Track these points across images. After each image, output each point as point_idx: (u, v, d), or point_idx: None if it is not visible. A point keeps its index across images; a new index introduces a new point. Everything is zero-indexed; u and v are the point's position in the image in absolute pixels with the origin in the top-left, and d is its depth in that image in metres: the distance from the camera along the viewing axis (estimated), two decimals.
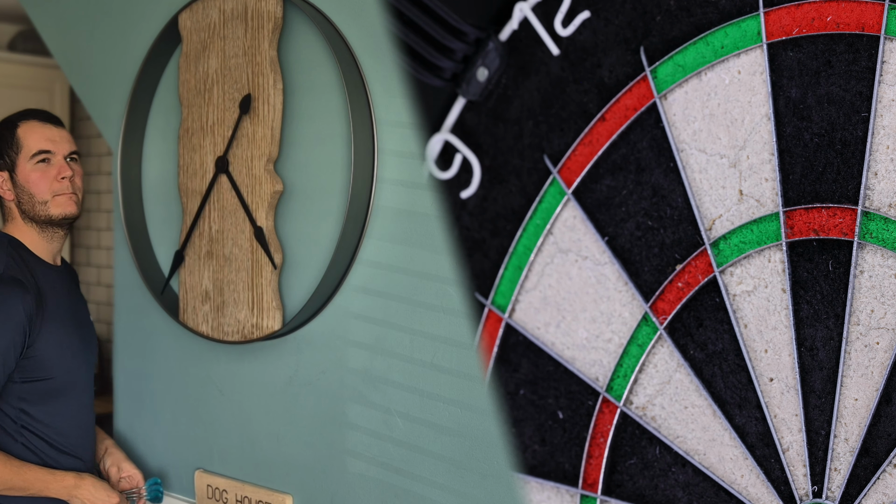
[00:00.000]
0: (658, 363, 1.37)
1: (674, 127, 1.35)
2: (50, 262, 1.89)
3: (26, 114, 1.91)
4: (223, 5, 1.81)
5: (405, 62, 1.59)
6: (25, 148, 1.85)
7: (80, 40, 2.17)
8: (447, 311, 1.55)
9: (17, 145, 1.85)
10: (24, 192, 1.85)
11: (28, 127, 1.87)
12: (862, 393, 1.19)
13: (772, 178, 1.27)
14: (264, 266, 1.76)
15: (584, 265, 1.43)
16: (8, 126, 1.88)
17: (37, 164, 1.84)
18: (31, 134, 1.86)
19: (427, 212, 1.57)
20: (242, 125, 1.78)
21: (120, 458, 1.98)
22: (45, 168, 1.85)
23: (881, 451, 1.18)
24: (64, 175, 1.85)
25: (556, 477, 1.45)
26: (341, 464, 1.72)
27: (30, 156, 1.84)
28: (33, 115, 1.90)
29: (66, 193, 1.86)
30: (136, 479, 1.95)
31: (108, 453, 1.98)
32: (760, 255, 1.28)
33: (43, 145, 1.85)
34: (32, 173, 1.84)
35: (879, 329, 1.18)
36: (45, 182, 1.84)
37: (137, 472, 1.96)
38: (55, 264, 1.91)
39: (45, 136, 1.87)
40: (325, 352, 1.74)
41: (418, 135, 1.58)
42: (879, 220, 1.18)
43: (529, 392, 1.48)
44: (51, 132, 1.88)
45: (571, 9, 1.43)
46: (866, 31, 1.18)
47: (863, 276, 1.19)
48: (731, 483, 1.31)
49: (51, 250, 1.90)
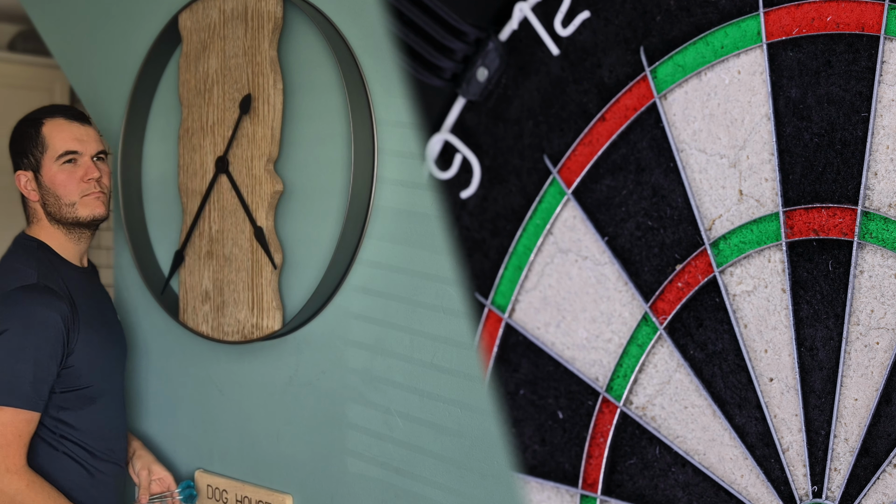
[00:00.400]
0: (658, 363, 1.37)
1: (674, 127, 1.35)
2: (77, 264, 1.84)
3: (52, 110, 1.82)
4: (223, 5, 1.81)
5: (405, 62, 1.59)
6: (51, 148, 1.77)
7: (80, 40, 2.17)
8: (447, 311, 1.55)
9: (43, 145, 1.77)
10: (50, 193, 1.77)
11: (54, 125, 1.78)
12: (862, 393, 1.19)
13: (772, 178, 1.27)
14: (264, 266, 1.76)
15: (584, 265, 1.43)
16: (32, 124, 1.79)
17: (63, 164, 1.77)
18: (57, 133, 1.77)
19: (427, 212, 1.57)
20: (242, 125, 1.78)
21: (150, 460, 1.92)
22: (72, 169, 1.77)
23: (881, 451, 1.18)
24: (91, 176, 1.78)
25: (556, 477, 1.45)
26: (341, 464, 1.72)
27: (56, 156, 1.76)
28: (59, 112, 1.81)
29: (94, 193, 1.78)
30: (168, 482, 1.90)
31: (138, 455, 1.93)
32: (760, 255, 1.28)
33: (70, 145, 1.77)
34: (59, 174, 1.76)
35: (879, 329, 1.18)
36: (73, 183, 1.77)
37: (168, 475, 1.91)
38: (82, 266, 1.85)
39: (72, 135, 1.78)
40: (325, 352, 1.74)
41: (418, 135, 1.58)
42: (879, 220, 1.18)
43: (529, 392, 1.48)
44: (78, 131, 1.79)
45: (571, 9, 1.43)
46: (866, 31, 1.18)
47: (863, 276, 1.19)
48: (731, 483, 1.31)
49: (78, 252, 1.84)
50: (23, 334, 1.67)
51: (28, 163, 1.78)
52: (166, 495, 1.89)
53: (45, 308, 1.68)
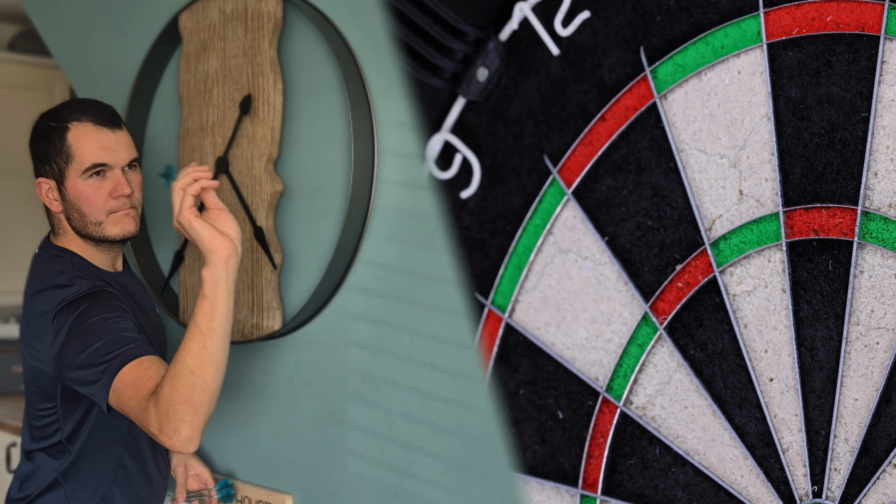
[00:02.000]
0: (658, 363, 1.37)
1: (674, 127, 1.35)
2: (112, 270, 1.66)
3: (79, 109, 1.58)
4: (223, 5, 1.81)
5: (405, 62, 1.59)
6: (77, 159, 1.55)
7: (80, 40, 2.17)
8: (447, 311, 1.55)
9: (68, 154, 1.55)
10: (75, 208, 1.57)
11: (81, 132, 1.55)
12: (862, 393, 1.20)
13: (772, 178, 1.27)
14: (264, 266, 1.76)
15: (584, 265, 1.43)
16: (56, 128, 1.57)
17: (90, 178, 1.55)
18: (84, 142, 1.55)
19: (427, 212, 1.57)
20: (243, 125, 1.78)
21: (187, 455, 1.83)
22: (100, 183, 1.56)
23: (881, 451, 1.18)
24: (122, 193, 1.56)
25: (556, 477, 1.45)
26: (341, 464, 1.72)
27: (82, 169, 1.55)
28: (87, 114, 1.57)
29: (124, 210, 1.58)
30: (205, 478, 1.83)
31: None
32: (760, 255, 1.28)
33: (98, 157, 1.55)
34: (84, 189, 1.55)
35: (879, 329, 1.18)
36: (100, 199, 1.56)
37: (206, 471, 1.83)
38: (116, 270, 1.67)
39: (101, 143, 1.56)
40: (325, 352, 1.74)
41: (418, 135, 1.58)
42: (879, 220, 1.18)
43: (529, 392, 1.48)
44: (107, 138, 1.56)
45: (571, 9, 1.43)
46: (866, 31, 1.18)
47: (863, 276, 1.19)
48: (731, 483, 1.31)
49: (110, 260, 1.65)
50: (105, 305, 1.52)
51: (50, 171, 1.57)
52: (203, 493, 1.82)
53: (114, 300, 1.55)
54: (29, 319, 1.58)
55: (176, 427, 1.35)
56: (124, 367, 1.42)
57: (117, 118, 1.61)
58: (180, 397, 1.34)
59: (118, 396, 1.43)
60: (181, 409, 1.34)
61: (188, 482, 1.83)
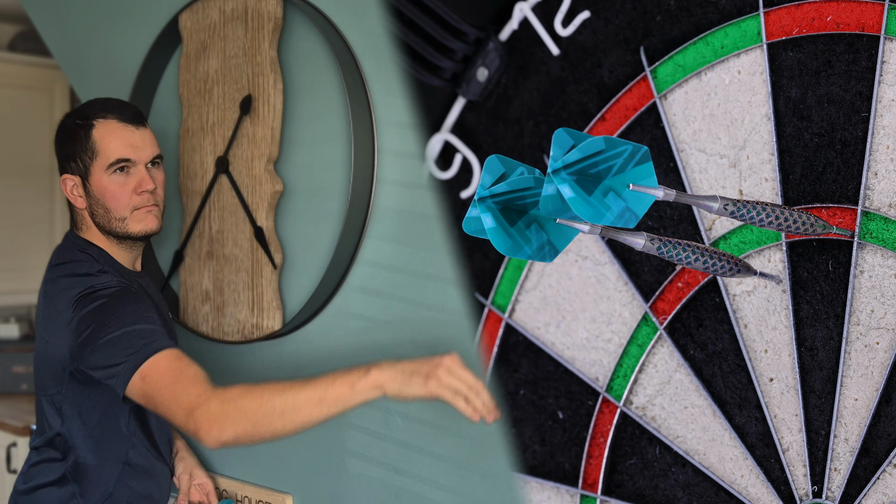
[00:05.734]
0: (658, 363, 1.37)
1: (674, 127, 1.35)
2: (132, 269, 1.69)
3: (104, 107, 1.62)
4: (223, 5, 1.81)
5: (405, 62, 1.59)
6: (102, 155, 1.58)
7: (80, 40, 2.17)
8: (447, 311, 1.55)
9: (93, 150, 1.59)
10: (99, 204, 1.60)
11: (106, 128, 1.59)
12: (862, 393, 1.19)
13: (772, 178, 1.27)
14: (264, 266, 1.76)
15: (584, 265, 1.43)
16: (82, 125, 1.60)
17: (114, 173, 1.59)
18: (109, 138, 1.59)
19: (427, 212, 1.57)
20: (243, 125, 1.78)
21: (192, 463, 1.82)
22: (124, 180, 1.59)
23: (881, 451, 1.18)
24: (145, 188, 1.60)
25: (556, 477, 1.45)
26: (341, 464, 1.72)
27: (107, 165, 1.58)
28: (112, 111, 1.61)
29: (147, 207, 1.61)
30: (208, 489, 1.82)
31: (180, 457, 1.82)
32: (760, 255, 1.28)
33: (122, 153, 1.59)
34: (109, 185, 1.59)
35: (879, 329, 1.18)
36: (124, 195, 1.59)
37: (209, 482, 1.83)
38: (135, 270, 1.70)
39: (126, 140, 1.59)
40: (325, 352, 1.74)
41: (418, 135, 1.58)
42: (879, 220, 1.18)
43: (529, 392, 1.48)
44: (132, 136, 1.60)
45: (571, 9, 1.43)
46: (866, 31, 1.18)
47: (863, 276, 1.19)
48: (731, 483, 1.31)
49: (131, 258, 1.68)
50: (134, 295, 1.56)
51: (75, 167, 1.61)
52: None
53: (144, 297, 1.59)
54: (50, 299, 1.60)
55: (224, 428, 1.37)
56: (156, 355, 1.45)
57: (142, 116, 1.65)
58: (252, 417, 1.37)
59: (147, 382, 1.44)
60: (243, 423, 1.37)
61: (191, 492, 1.83)
